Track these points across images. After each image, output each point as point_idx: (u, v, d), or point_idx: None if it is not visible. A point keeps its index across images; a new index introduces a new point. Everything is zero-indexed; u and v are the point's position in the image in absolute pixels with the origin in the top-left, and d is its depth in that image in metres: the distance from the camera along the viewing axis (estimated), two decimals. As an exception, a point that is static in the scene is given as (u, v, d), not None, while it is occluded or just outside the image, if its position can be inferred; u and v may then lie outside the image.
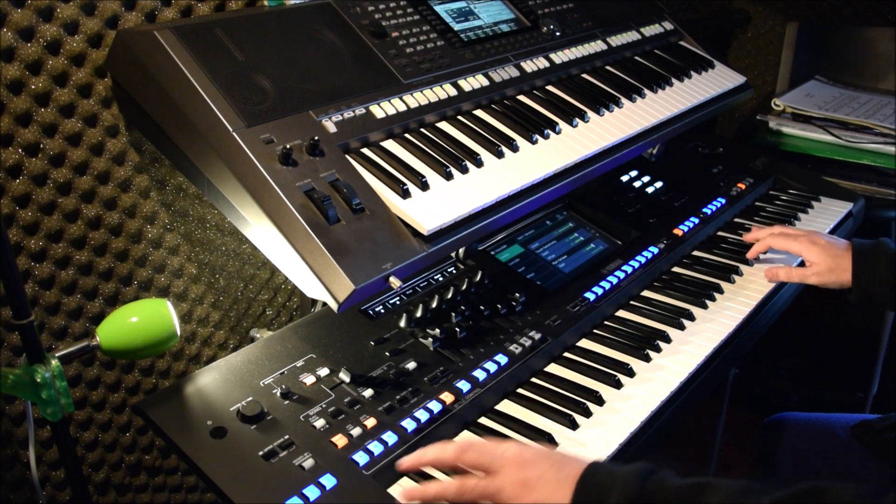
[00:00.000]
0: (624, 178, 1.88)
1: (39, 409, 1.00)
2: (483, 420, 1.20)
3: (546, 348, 1.32)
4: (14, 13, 1.09)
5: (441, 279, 1.44)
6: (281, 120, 1.15)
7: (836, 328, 2.64)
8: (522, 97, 1.50)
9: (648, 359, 1.34)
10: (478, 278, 1.43)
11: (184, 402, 1.10)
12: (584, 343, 1.39)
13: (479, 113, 1.41)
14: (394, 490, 1.06)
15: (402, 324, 1.30)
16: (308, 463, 1.03)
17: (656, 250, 1.62)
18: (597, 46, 1.71)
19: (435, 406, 1.15)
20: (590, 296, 1.45)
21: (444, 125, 1.35)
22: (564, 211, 1.71)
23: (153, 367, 1.44)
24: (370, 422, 1.11)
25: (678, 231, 1.70)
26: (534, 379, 1.29)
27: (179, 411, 1.09)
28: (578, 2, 1.77)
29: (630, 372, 1.31)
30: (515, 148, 1.34)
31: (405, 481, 1.08)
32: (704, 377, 1.34)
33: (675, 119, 1.65)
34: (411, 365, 1.22)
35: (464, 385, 1.20)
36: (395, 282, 1.08)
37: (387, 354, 1.24)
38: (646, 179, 1.90)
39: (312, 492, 0.98)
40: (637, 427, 1.19)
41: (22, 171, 1.15)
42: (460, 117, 1.38)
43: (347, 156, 1.19)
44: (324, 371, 1.18)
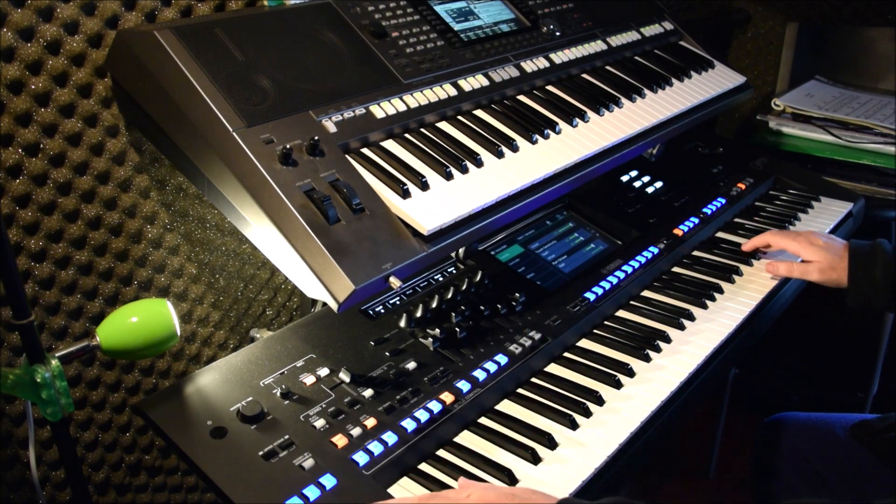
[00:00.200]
0: (624, 178, 1.88)
1: (39, 409, 1.00)
2: (483, 420, 1.20)
3: (546, 348, 1.32)
4: (14, 13, 1.08)
5: (441, 279, 1.44)
6: (281, 120, 1.15)
7: (836, 328, 2.64)
8: (522, 97, 1.50)
9: (648, 359, 1.34)
10: (478, 278, 1.43)
11: (184, 402, 1.10)
12: (584, 343, 1.39)
13: (479, 113, 1.41)
14: (394, 490, 1.06)
15: (402, 324, 1.30)
16: (308, 463, 1.03)
17: (656, 250, 1.62)
18: (597, 46, 1.71)
19: (435, 406, 1.15)
20: (590, 296, 1.45)
21: (444, 125, 1.35)
22: (564, 211, 1.71)
23: (153, 367, 1.44)
24: (370, 422, 1.11)
25: (678, 231, 1.70)
26: (534, 379, 1.29)
27: (179, 411, 1.09)
28: (578, 2, 1.77)
29: (630, 372, 1.31)
30: (515, 148, 1.34)
31: (405, 481, 1.08)
32: (704, 377, 1.34)
33: (675, 119, 1.65)
34: (411, 365, 1.22)
35: (464, 385, 1.20)
36: (395, 282, 1.08)
37: (387, 354, 1.24)
38: (646, 179, 1.90)
39: (312, 492, 0.98)
40: (637, 427, 1.19)
41: (22, 171, 1.15)
42: (460, 117, 1.38)
43: (347, 156, 1.19)
44: (324, 371, 1.18)
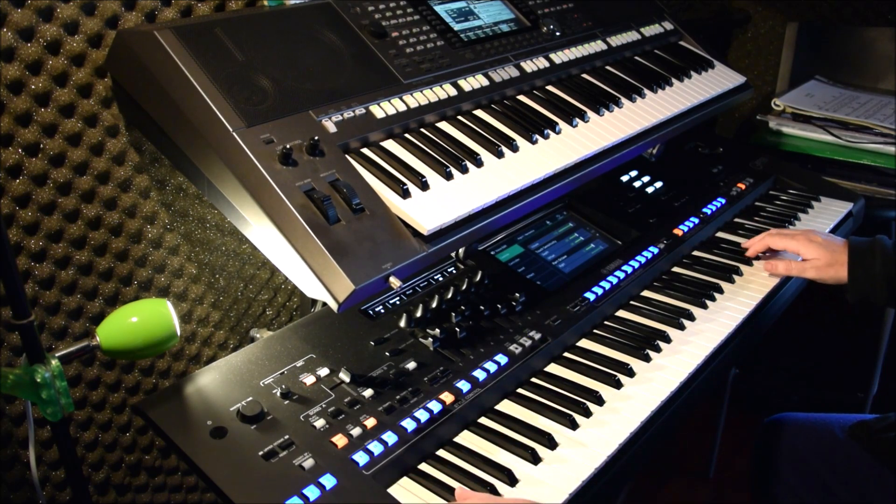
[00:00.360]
0: (624, 178, 1.88)
1: (39, 409, 1.00)
2: (483, 420, 1.20)
3: (546, 348, 1.32)
4: (14, 13, 1.08)
5: (441, 279, 1.44)
6: (281, 120, 1.15)
7: (836, 328, 2.64)
8: (522, 97, 1.50)
9: (648, 359, 1.34)
10: (478, 278, 1.43)
11: (184, 402, 1.10)
12: (584, 343, 1.39)
13: (479, 113, 1.41)
14: (394, 490, 1.06)
15: (402, 324, 1.30)
16: (308, 463, 1.03)
17: (656, 250, 1.62)
18: (597, 46, 1.71)
19: (435, 406, 1.15)
20: (590, 296, 1.45)
21: (444, 125, 1.35)
22: (564, 211, 1.71)
23: (153, 367, 1.44)
24: (370, 422, 1.11)
25: (678, 231, 1.70)
26: (534, 379, 1.29)
27: (179, 411, 1.09)
28: (578, 2, 1.77)
29: (630, 372, 1.31)
30: (515, 148, 1.34)
31: (405, 481, 1.08)
32: (704, 377, 1.34)
33: (675, 119, 1.65)
34: (411, 365, 1.22)
35: (464, 385, 1.20)
36: (395, 282, 1.08)
37: (387, 354, 1.24)
38: (646, 179, 1.90)
39: (312, 492, 0.98)
40: (637, 427, 1.19)
41: (22, 171, 1.15)
42: (460, 117, 1.38)
43: (347, 156, 1.19)
44: (324, 371, 1.18)
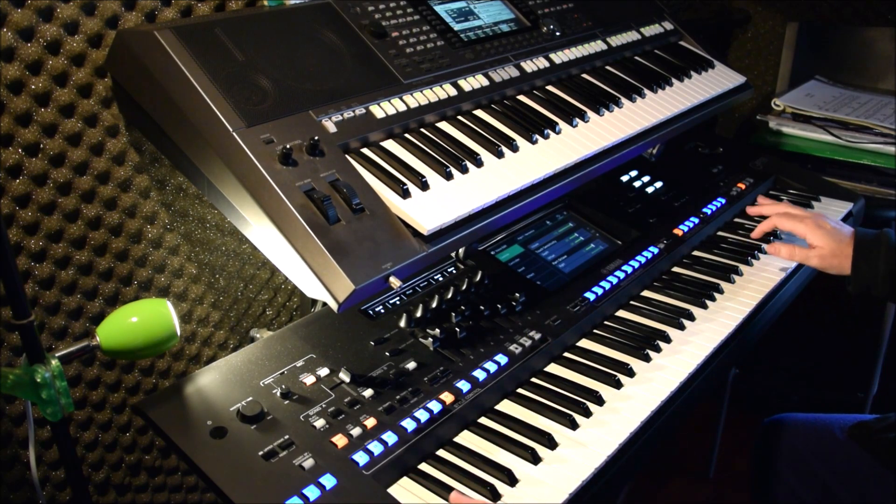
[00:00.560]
0: (624, 178, 1.88)
1: (39, 409, 1.00)
2: (483, 420, 1.20)
3: (546, 348, 1.32)
4: (14, 13, 1.08)
5: (441, 279, 1.44)
6: (281, 120, 1.15)
7: (836, 328, 2.64)
8: (522, 97, 1.50)
9: (648, 359, 1.34)
10: (478, 278, 1.43)
11: (184, 402, 1.10)
12: (584, 343, 1.39)
13: (479, 113, 1.41)
14: (394, 490, 1.06)
15: (402, 324, 1.30)
16: (308, 463, 1.03)
17: (656, 250, 1.62)
18: (597, 46, 1.71)
19: (435, 406, 1.15)
20: (590, 296, 1.45)
21: (444, 125, 1.35)
22: (564, 211, 1.71)
23: (153, 367, 1.44)
24: (370, 422, 1.11)
25: (678, 231, 1.70)
26: (534, 379, 1.29)
27: (179, 411, 1.09)
28: (578, 2, 1.77)
29: (630, 372, 1.31)
30: (515, 148, 1.34)
31: (405, 481, 1.08)
32: (704, 377, 1.34)
33: (675, 119, 1.65)
34: (411, 365, 1.22)
35: (464, 385, 1.20)
36: (395, 282, 1.08)
37: (387, 354, 1.24)
38: (646, 179, 1.90)
39: (312, 492, 0.98)
40: (637, 427, 1.19)
41: (22, 171, 1.15)
42: (460, 117, 1.38)
43: (347, 156, 1.19)
44: (324, 371, 1.18)
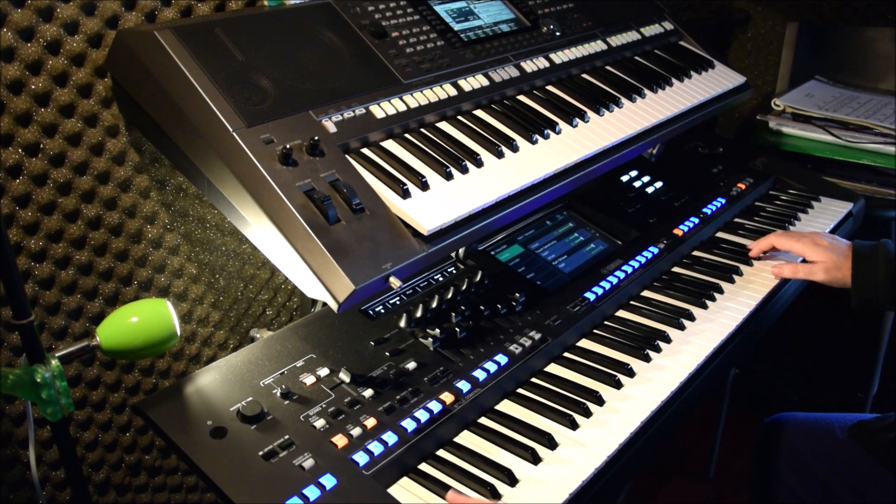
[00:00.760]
0: (624, 178, 1.88)
1: (39, 409, 1.00)
2: (483, 420, 1.20)
3: (546, 348, 1.32)
4: (14, 13, 1.08)
5: (441, 279, 1.44)
6: (281, 120, 1.15)
7: (836, 328, 2.64)
8: (522, 97, 1.50)
9: (648, 359, 1.34)
10: (478, 278, 1.43)
11: (184, 402, 1.10)
12: (584, 343, 1.39)
13: (479, 113, 1.41)
14: (394, 490, 1.06)
15: (402, 324, 1.30)
16: (308, 463, 1.03)
17: (656, 250, 1.62)
18: (597, 46, 1.71)
19: (435, 406, 1.15)
20: (590, 296, 1.45)
21: (444, 125, 1.35)
22: (564, 211, 1.71)
23: (153, 367, 1.44)
24: (370, 422, 1.11)
25: (678, 231, 1.70)
26: (534, 379, 1.29)
27: (179, 411, 1.09)
28: (578, 2, 1.77)
29: (630, 372, 1.31)
30: (515, 148, 1.34)
31: (405, 481, 1.08)
32: (704, 377, 1.34)
33: (675, 119, 1.65)
34: (411, 365, 1.22)
35: (464, 385, 1.20)
36: (395, 282, 1.08)
37: (387, 354, 1.24)
38: (646, 179, 1.90)
39: (312, 492, 0.98)
40: (637, 427, 1.19)
41: (22, 171, 1.15)
42: (460, 117, 1.38)
43: (347, 156, 1.19)
44: (324, 371, 1.18)
